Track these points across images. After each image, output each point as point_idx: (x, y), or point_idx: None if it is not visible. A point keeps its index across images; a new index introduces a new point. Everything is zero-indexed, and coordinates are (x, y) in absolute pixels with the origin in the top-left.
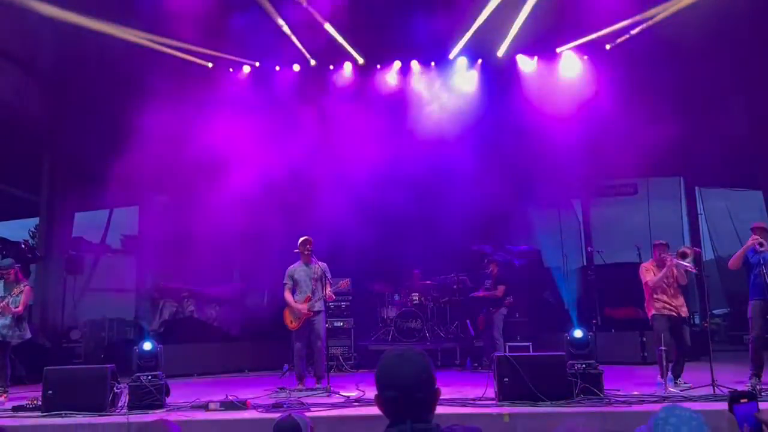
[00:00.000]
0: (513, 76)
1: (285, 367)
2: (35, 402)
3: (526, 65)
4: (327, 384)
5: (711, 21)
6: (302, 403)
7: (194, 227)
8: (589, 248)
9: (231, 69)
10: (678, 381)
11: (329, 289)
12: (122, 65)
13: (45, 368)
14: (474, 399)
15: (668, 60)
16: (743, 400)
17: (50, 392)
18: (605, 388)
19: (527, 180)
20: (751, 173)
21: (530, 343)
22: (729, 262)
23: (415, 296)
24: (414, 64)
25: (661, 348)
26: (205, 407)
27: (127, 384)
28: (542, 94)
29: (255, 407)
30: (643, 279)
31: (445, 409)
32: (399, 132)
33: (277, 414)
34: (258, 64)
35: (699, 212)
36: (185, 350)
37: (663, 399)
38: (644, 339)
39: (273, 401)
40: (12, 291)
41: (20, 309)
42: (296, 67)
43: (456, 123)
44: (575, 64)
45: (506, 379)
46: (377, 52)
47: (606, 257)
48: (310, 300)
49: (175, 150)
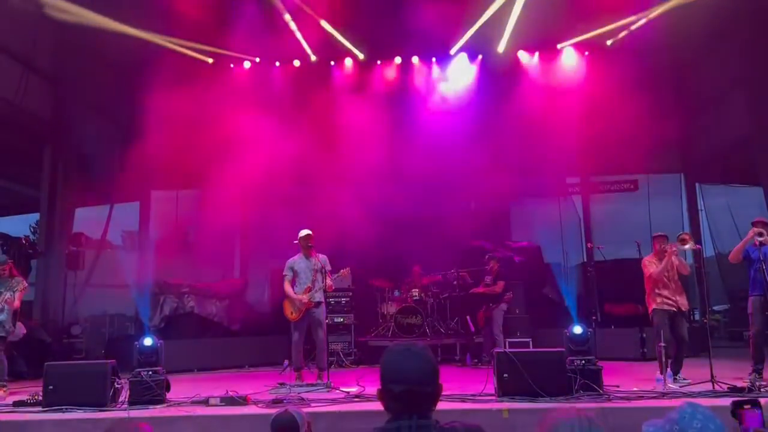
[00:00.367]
0: (514, 72)
1: (285, 363)
2: (36, 397)
3: (527, 61)
4: (327, 379)
5: (711, 17)
6: (302, 399)
7: (195, 223)
8: (589, 244)
9: (232, 65)
10: (677, 377)
11: (329, 280)
12: (123, 61)
13: (46, 363)
14: (474, 395)
15: (669, 56)
16: (747, 407)
17: (51, 387)
18: (604, 384)
19: (527, 176)
20: (752, 169)
21: (530, 339)
22: (729, 255)
23: (415, 292)
24: (415, 60)
25: (661, 344)
26: (206, 402)
27: (128, 379)
28: (543, 91)
29: (255, 402)
30: (646, 272)
31: (445, 405)
32: (399, 128)
33: (278, 409)
34: (258, 60)
35: (699, 208)
36: (186, 346)
37: (662, 395)
38: (644, 335)
39: (273, 397)
40: (9, 286)
41: (17, 303)
42: (296, 63)
43: (457, 119)
44: (576, 61)
45: (506, 375)
46: (378, 48)
47: (606, 253)
48: (311, 290)
49: (176, 146)
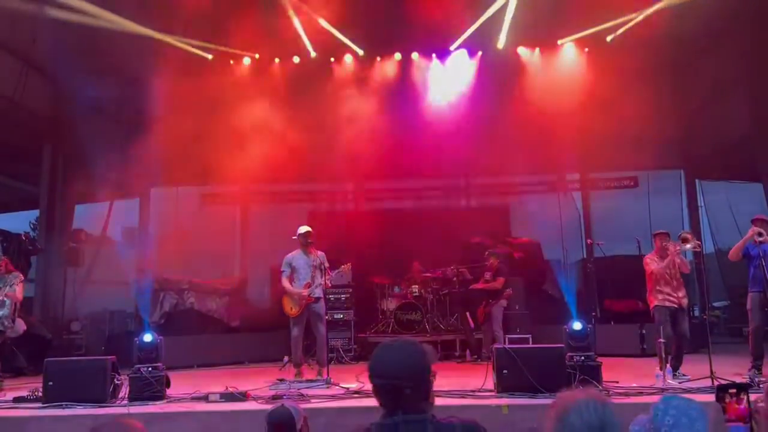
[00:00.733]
0: (513, 68)
1: (285, 359)
2: (36, 393)
3: (527, 57)
4: (327, 375)
5: (712, 13)
6: (302, 395)
7: (195, 218)
8: (589, 241)
9: (231, 61)
10: (677, 373)
11: (327, 277)
12: (122, 57)
13: (45, 360)
14: (473, 390)
15: (669, 53)
16: (732, 391)
17: (51, 383)
18: (604, 380)
19: (527, 172)
20: (752, 166)
21: (530, 335)
22: (729, 254)
23: (415, 288)
24: (414, 56)
25: (661, 340)
26: (205, 399)
27: (128, 375)
28: (543, 87)
29: (255, 398)
30: (647, 270)
31: (444, 401)
32: (399, 124)
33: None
34: (258, 56)
35: (699, 205)
36: (185, 342)
37: (662, 391)
38: (643, 331)
39: (273, 393)
40: (6, 281)
41: (19, 296)
42: (296, 59)
43: (456, 115)
44: (576, 57)
45: (505, 371)
46: (377, 44)
47: (606, 250)
48: (310, 286)
49: (176, 142)
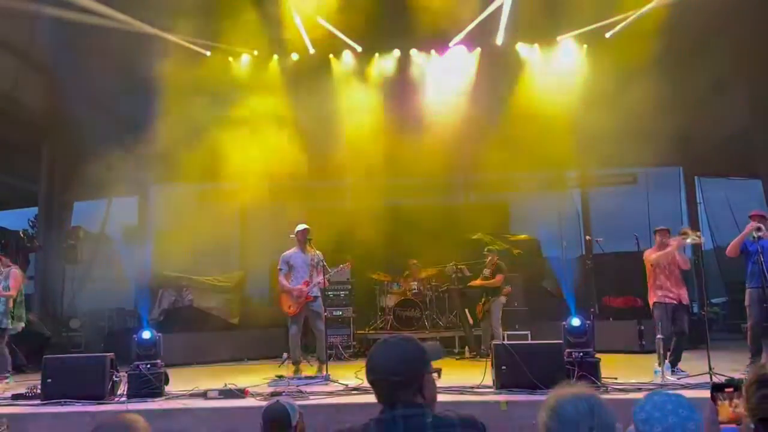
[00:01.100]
0: (513, 65)
1: (284, 356)
2: (34, 390)
3: (526, 53)
4: (326, 372)
5: (711, 9)
6: (301, 392)
7: (193, 215)
8: (588, 237)
9: (230, 58)
10: (674, 369)
11: (324, 276)
12: (121, 53)
13: (44, 357)
14: (472, 387)
15: (668, 49)
16: (728, 390)
17: (49, 380)
18: (602, 376)
19: (526, 169)
20: (751, 162)
21: (528, 332)
22: (727, 249)
23: (414, 285)
24: (413, 53)
25: (659, 336)
26: (204, 395)
27: (127, 372)
28: (542, 83)
29: (253, 395)
30: (647, 262)
31: (443, 397)
32: (398, 121)
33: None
34: (256, 53)
35: (698, 201)
36: (184, 339)
37: (660, 387)
38: (642, 328)
39: (271, 389)
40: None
41: (12, 292)
42: (295, 56)
43: (455, 111)
44: (575, 53)
45: (504, 367)
46: (376, 41)
47: (605, 246)
48: (309, 284)
49: (175, 139)
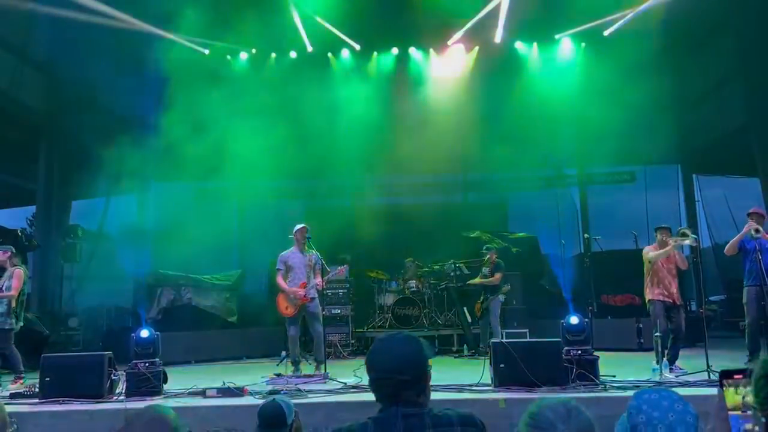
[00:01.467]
0: (511, 63)
1: (282, 354)
2: (33, 389)
3: (525, 52)
4: (325, 370)
5: (708, 8)
6: (299, 390)
7: (192, 214)
8: (587, 235)
9: (228, 56)
10: (672, 367)
11: (320, 278)
12: (119, 52)
13: (42, 355)
14: (470, 385)
15: (666, 47)
16: (737, 377)
17: (47, 379)
18: (601, 374)
19: (525, 167)
20: (749, 160)
21: (527, 330)
22: (725, 249)
23: (413, 283)
24: (412, 51)
25: (657, 334)
26: (203, 394)
27: (125, 371)
28: (540, 81)
29: (252, 394)
30: (645, 259)
31: (442, 395)
32: (397, 119)
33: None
34: (255, 51)
35: (696, 199)
36: (183, 338)
37: (658, 385)
38: (640, 325)
39: (270, 388)
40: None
41: (13, 292)
42: (293, 54)
43: (454, 109)
44: (574, 51)
45: (502, 365)
46: (375, 39)
47: (603, 244)
48: (306, 286)
49: (173, 137)
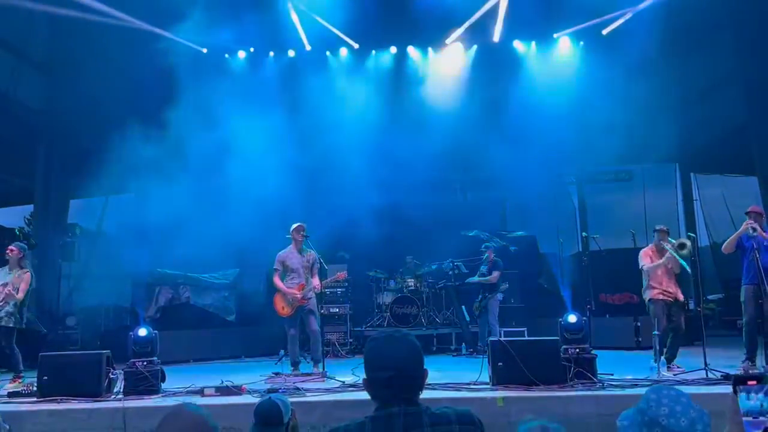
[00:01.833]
0: (509, 61)
1: (281, 353)
2: (31, 388)
3: (523, 50)
4: (323, 369)
5: (707, 7)
6: (298, 388)
7: (191, 213)
8: (584, 234)
9: (226, 54)
10: (670, 365)
11: (321, 280)
12: (117, 51)
13: (40, 354)
14: (468, 383)
15: (664, 46)
16: (750, 382)
17: (45, 378)
18: (599, 373)
19: (523, 166)
20: (747, 159)
21: (525, 329)
22: (723, 246)
23: (411, 282)
24: (410, 49)
25: (656, 333)
26: (201, 392)
27: (123, 370)
28: (538, 80)
29: (250, 392)
30: (640, 263)
31: (440, 393)
32: (395, 118)
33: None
34: (253, 50)
35: (694, 198)
36: (181, 336)
37: (656, 383)
38: (638, 324)
39: (268, 386)
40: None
41: (21, 294)
42: (291, 53)
43: (452, 108)
44: (572, 50)
45: (500, 364)
46: (373, 37)
47: (601, 243)
48: (304, 287)
49: (172, 136)
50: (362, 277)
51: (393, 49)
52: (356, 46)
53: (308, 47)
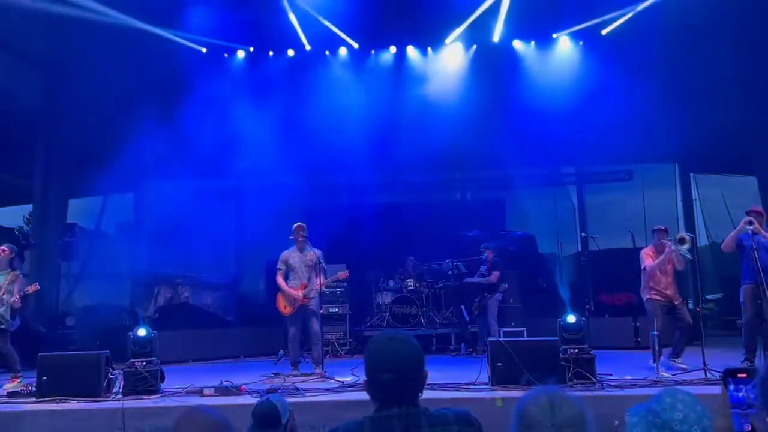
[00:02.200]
0: (509, 61)
1: (280, 353)
2: (30, 388)
3: (523, 50)
4: (323, 369)
5: (706, 7)
6: (297, 389)
7: (189, 213)
8: (584, 234)
9: (226, 54)
10: (677, 360)
11: (322, 280)
12: (117, 50)
13: (39, 354)
14: (467, 384)
15: (663, 46)
16: (740, 376)
17: (44, 378)
18: (598, 373)
19: (522, 165)
20: (746, 159)
21: (524, 329)
22: (722, 245)
23: (410, 282)
24: (409, 49)
25: (654, 333)
26: (200, 393)
27: (122, 370)
28: (538, 80)
29: (250, 392)
30: (642, 264)
31: (439, 394)
32: (395, 118)
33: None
34: (252, 49)
35: (693, 198)
36: (180, 336)
37: (655, 383)
38: (637, 324)
39: (268, 386)
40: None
41: (16, 297)
42: (291, 52)
43: (451, 108)
44: (571, 50)
45: (500, 364)
46: (372, 37)
47: (600, 243)
48: (306, 287)
49: (171, 135)
50: (362, 277)
51: (393, 49)
52: (356, 46)
53: (308, 47)
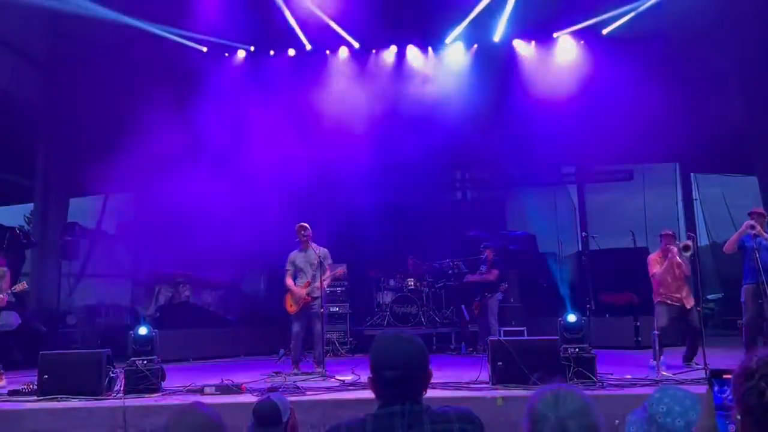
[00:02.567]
0: (509, 61)
1: (281, 352)
2: (31, 386)
3: (523, 50)
4: (324, 368)
5: (706, 7)
6: (297, 387)
7: (190, 212)
8: (584, 233)
9: (226, 53)
10: (690, 363)
11: (325, 277)
12: (117, 50)
13: (40, 353)
14: (468, 383)
15: (664, 45)
16: (726, 376)
17: (45, 377)
18: (598, 372)
19: (523, 165)
20: (747, 159)
21: (525, 328)
22: (724, 247)
23: (411, 281)
24: (410, 49)
25: (655, 332)
26: (201, 391)
27: (123, 368)
28: (538, 79)
29: (250, 391)
30: (650, 271)
31: (440, 393)
32: (395, 117)
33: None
34: (253, 49)
35: (694, 198)
36: (181, 335)
37: (655, 382)
38: (638, 323)
39: (268, 385)
40: None
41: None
42: (291, 52)
43: (452, 108)
44: (572, 49)
45: (500, 363)
46: (373, 37)
47: (601, 242)
48: (310, 285)
49: (171, 134)
50: (362, 276)
51: (393, 48)
52: (357, 46)
53: (308, 47)
